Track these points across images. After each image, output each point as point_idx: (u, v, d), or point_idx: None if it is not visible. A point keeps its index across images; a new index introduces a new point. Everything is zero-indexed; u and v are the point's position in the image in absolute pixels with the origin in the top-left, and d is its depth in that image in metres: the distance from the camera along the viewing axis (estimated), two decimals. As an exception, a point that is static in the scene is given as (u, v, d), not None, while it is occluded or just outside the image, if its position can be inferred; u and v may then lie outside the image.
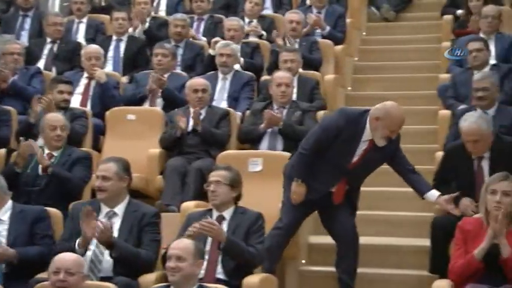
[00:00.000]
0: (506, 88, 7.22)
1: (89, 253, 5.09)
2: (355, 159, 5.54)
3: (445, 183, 5.71)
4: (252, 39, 9.00)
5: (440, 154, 6.27)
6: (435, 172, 5.92)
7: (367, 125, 5.47)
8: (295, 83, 7.58)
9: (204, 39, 9.16)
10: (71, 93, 7.42)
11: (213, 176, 5.31)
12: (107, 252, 5.08)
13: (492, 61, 7.76)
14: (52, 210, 5.64)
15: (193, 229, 4.97)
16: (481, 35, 8.18)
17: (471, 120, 5.56)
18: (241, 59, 8.30)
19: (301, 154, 5.63)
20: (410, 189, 5.79)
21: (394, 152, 5.63)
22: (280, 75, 7.18)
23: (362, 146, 5.52)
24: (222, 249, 5.02)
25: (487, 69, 7.34)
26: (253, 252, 5.07)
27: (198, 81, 7.32)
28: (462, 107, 6.99)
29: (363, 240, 5.79)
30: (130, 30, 9.16)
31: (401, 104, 8.20)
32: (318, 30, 9.06)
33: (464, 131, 5.58)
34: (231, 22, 8.72)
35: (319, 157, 5.56)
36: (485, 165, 5.53)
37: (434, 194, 5.53)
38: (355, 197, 5.77)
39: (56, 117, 6.57)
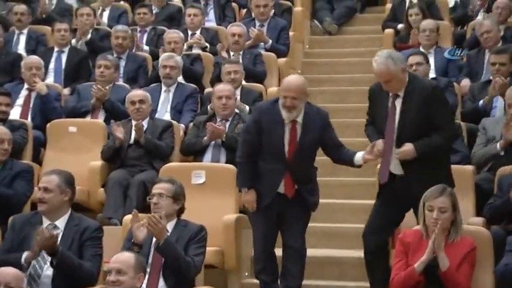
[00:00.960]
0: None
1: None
2: (287, 147, 5.60)
3: (374, 122, 5.74)
4: (196, 51, 9.01)
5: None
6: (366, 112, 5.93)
7: (281, 108, 5.60)
8: (238, 95, 7.61)
9: (148, 49, 9.16)
10: (9, 104, 7.34)
11: (156, 189, 5.29)
12: (46, 267, 5.01)
13: (432, 75, 7.91)
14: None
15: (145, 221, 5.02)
16: (421, 49, 8.35)
17: (380, 61, 5.48)
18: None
19: (238, 163, 5.76)
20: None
21: (322, 132, 5.65)
22: (221, 88, 7.20)
23: (286, 131, 5.59)
24: (158, 248, 4.99)
25: (426, 82, 7.46)
26: (190, 262, 5.05)
27: (135, 93, 7.30)
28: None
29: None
30: (73, 41, 9.10)
31: (344, 116, 8.43)
32: (262, 44, 9.12)
33: (375, 72, 5.55)
34: (171, 35, 8.72)
35: (257, 160, 5.63)
36: (398, 103, 5.48)
37: (359, 155, 5.58)
38: (311, 192, 5.71)
39: (2, 130, 6.48)
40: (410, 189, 5.35)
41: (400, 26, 9.50)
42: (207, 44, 9.15)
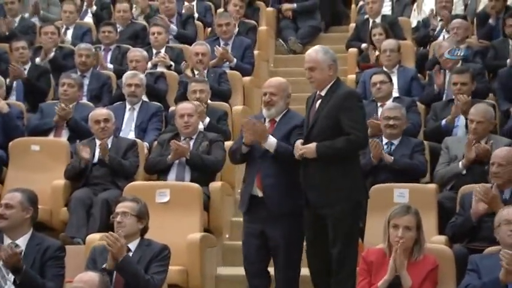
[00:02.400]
0: (410, 120, 7.42)
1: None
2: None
3: None
4: (161, 69, 9.02)
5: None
6: None
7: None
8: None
9: (112, 67, 9.15)
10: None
11: (120, 207, 5.28)
12: (8, 285, 4.97)
13: (395, 94, 8.01)
14: None
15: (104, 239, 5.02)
16: (384, 68, 8.44)
17: (312, 48, 5.63)
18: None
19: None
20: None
21: (289, 134, 5.70)
22: (183, 106, 7.21)
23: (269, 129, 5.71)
24: (116, 266, 4.98)
25: (390, 101, 7.56)
26: (149, 280, 5.03)
27: (100, 112, 7.28)
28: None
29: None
30: (38, 60, 9.06)
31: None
32: (226, 63, 9.15)
33: (304, 60, 5.64)
34: (133, 53, 8.72)
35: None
36: (317, 104, 5.56)
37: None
38: (294, 195, 5.65)
39: None
40: (307, 197, 5.42)
41: (363, 45, 9.60)
42: (172, 63, 9.17)
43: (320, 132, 5.45)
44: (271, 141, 5.61)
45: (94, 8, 10.85)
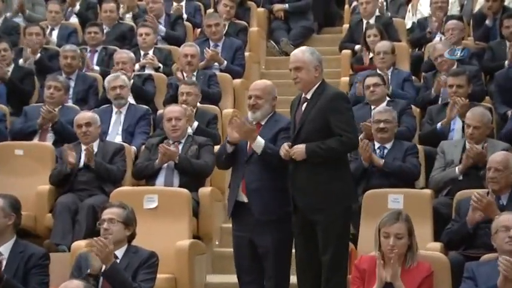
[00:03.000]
0: (404, 124, 7.42)
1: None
2: (249, 150, 5.68)
3: None
4: (149, 71, 8.99)
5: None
6: None
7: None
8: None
9: (98, 69, 9.11)
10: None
11: (107, 214, 5.27)
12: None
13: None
14: None
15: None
16: (378, 71, 8.42)
17: (299, 49, 5.62)
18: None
19: None
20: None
21: (275, 138, 5.69)
22: (170, 109, 7.19)
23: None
24: (104, 274, 4.96)
25: (384, 104, 7.53)
26: None
27: (82, 115, 7.24)
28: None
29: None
30: (20, 61, 9.02)
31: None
32: (216, 64, 9.13)
33: (290, 60, 5.62)
34: (120, 55, 8.68)
35: None
36: (303, 107, 5.54)
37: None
38: (278, 202, 5.63)
39: None
40: (296, 202, 5.40)
41: (357, 47, 9.59)
42: (160, 64, 9.14)
43: (307, 135, 5.44)
44: (260, 142, 5.60)
45: (77, 7, 10.79)
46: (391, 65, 8.53)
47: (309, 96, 5.53)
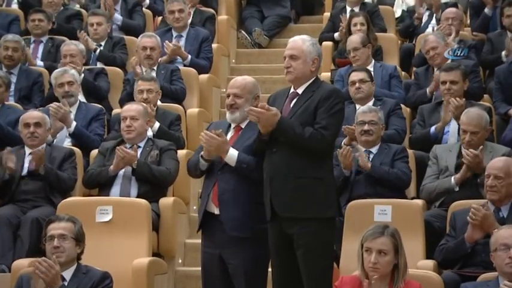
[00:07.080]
0: (393, 126, 7.48)
1: None
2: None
3: None
4: (101, 65, 8.99)
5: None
6: None
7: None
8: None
9: (43, 63, 9.09)
10: None
11: (56, 229, 5.27)
12: None
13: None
14: None
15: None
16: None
17: (300, 36, 5.63)
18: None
19: None
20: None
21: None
22: (126, 107, 7.19)
23: (228, 137, 5.70)
24: None
25: (371, 103, 7.56)
26: None
27: (30, 114, 7.23)
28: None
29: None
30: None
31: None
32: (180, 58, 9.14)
33: (287, 46, 5.64)
34: (67, 47, 8.68)
35: None
36: (292, 103, 5.53)
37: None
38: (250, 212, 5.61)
39: None
40: (273, 208, 5.38)
41: (336, 34, 9.58)
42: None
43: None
44: (232, 156, 5.60)
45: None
46: (367, 59, 8.48)
47: (300, 91, 5.52)
